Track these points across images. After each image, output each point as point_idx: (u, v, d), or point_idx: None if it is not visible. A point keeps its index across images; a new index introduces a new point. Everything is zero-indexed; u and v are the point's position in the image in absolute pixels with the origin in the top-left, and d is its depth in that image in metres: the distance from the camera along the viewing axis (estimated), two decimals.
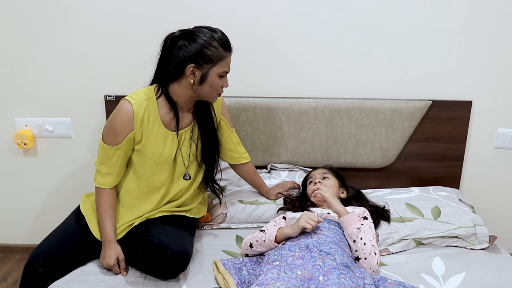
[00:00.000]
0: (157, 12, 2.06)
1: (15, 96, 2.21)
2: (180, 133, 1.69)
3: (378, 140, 2.18)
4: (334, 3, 2.05)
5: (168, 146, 1.67)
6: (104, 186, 1.66)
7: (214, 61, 1.56)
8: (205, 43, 1.54)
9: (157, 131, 1.64)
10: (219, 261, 1.63)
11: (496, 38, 2.08)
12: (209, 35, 1.56)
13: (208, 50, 1.55)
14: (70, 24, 2.09)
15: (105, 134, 1.62)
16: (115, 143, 1.60)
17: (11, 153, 2.30)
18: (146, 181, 1.69)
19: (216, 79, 1.60)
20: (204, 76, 1.58)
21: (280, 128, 2.17)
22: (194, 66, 1.55)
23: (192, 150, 1.74)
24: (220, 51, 1.56)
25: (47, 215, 2.38)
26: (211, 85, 1.60)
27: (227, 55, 1.59)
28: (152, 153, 1.65)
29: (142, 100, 1.61)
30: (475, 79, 2.14)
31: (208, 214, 1.92)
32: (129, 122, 1.59)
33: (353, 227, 1.56)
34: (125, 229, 1.68)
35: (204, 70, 1.57)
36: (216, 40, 1.56)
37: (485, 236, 1.77)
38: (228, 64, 1.62)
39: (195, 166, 1.77)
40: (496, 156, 2.25)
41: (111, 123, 1.60)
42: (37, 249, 1.60)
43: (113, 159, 1.63)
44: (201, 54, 1.54)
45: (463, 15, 2.06)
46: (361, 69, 2.14)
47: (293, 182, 2.06)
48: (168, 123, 1.67)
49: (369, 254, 1.55)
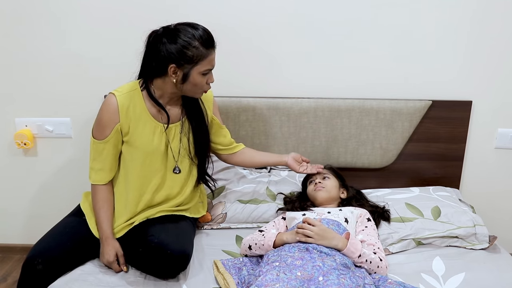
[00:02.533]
0: (157, 12, 2.06)
1: (15, 96, 2.20)
2: (170, 126, 1.70)
3: (378, 140, 2.18)
4: (334, 2, 2.05)
5: (157, 136, 1.68)
6: (98, 182, 1.68)
7: (195, 60, 1.55)
8: (185, 44, 1.53)
9: (144, 122, 1.66)
10: (219, 261, 1.63)
11: (496, 38, 2.08)
12: (190, 35, 1.54)
13: (189, 51, 1.54)
14: (70, 24, 2.09)
15: (94, 130, 1.66)
16: (103, 136, 1.63)
17: (11, 153, 2.30)
18: (137, 173, 1.69)
19: (199, 77, 1.59)
20: (186, 75, 1.58)
21: (280, 128, 2.17)
22: (175, 66, 1.56)
23: (183, 145, 1.74)
24: (200, 50, 1.55)
25: (47, 215, 2.37)
26: (194, 83, 1.60)
27: (208, 53, 1.58)
28: (142, 143, 1.66)
29: (126, 92, 1.64)
30: (475, 79, 2.14)
31: (208, 214, 1.92)
32: (114, 114, 1.61)
33: (355, 257, 1.53)
34: (124, 228, 1.68)
35: (186, 70, 1.57)
36: (197, 39, 1.54)
37: (485, 236, 1.77)
38: (210, 62, 1.60)
39: (188, 161, 1.77)
40: (496, 156, 2.25)
41: (98, 117, 1.64)
42: (36, 246, 1.60)
43: (104, 154, 1.65)
44: (181, 54, 1.54)
45: (463, 15, 2.05)
46: (361, 69, 2.14)
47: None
48: (155, 114, 1.68)
49: (377, 267, 1.55)
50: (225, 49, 2.10)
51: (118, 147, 1.68)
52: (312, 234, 1.53)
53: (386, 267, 1.57)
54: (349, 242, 1.53)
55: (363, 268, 1.54)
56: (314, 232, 1.53)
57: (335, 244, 1.53)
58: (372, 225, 1.72)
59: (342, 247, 1.52)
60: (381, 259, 1.56)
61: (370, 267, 1.54)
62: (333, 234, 1.55)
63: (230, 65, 2.13)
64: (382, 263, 1.55)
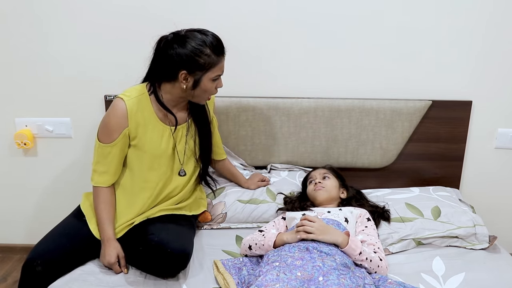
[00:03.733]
0: (157, 12, 2.06)
1: (15, 96, 2.20)
2: (176, 128, 1.71)
3: (378, 140, 2.18)
4: (335, 2, 2.05)
5: (165, 140, 1.69)
6: (101, 185, 1.67)
7: (207, 67, 1.57)
8: (196, 51, 1.54)
9: (153, 126, 1.67)
10: (219, 261, 1.63)
11: (496, 38, 2.08)
12: (200, 41, 1.55)
13: (200, 58, 1.55)
14: (70, 24, 2.09)
15: (100, 133, 1.64)
16: (110, 140, 1.62)
17: (11, 153, 2.30)
18: (143, 176, 1.70)
19: (209, 83, 1.61)
20: (197, 81, 1.59)
21: (280, 128, 2.17)
22: (187, 73, 1.57)
23: (189, 146, 1.75)
24: (212, 58, 1.56)
25: (47, 215, 2.37)
26: (204, 89, 1.62)
27: (219, 60, 1.59)
28: (150, 148, 1.67)
29: (134, 96, 1.64)
30: (475, 79, 2.14)
31: (208, 214, 1.92)
32: (123, 119, 1.61)
33: (356, 254, 1.53)
34: (125, 228, 1.68)
35: (197, 76, 1.58)
36: (208, 46, 1.55)
37: (485, 236, 1.77)
38: (221, 68, 1.62)
39: (193, 163, 1.79)
40: (496, 156, 2.25)
41: (105, 121, 1.63)
42: (35, 247, 1.59)
43: (109, 157, 1.64)
44: (193, 61, 1.55)
45: (463, 15, 2.05)
46: (361, 69, 2.14)
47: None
48: (163, 118, 1.69)
49: (377, 266, 1.54)
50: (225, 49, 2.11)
51: (125, 151, 1.68)
52: (312, 229, 1.53)
53: (386, 267, 1.57)
54: (350, 239, 1.53)
55: (363, 268, 1.54)
56: (315, 227, 1.54)
57: (335, 239, 1.53)
58: (372, 225, 1.72)
59: (343, 243, 1.52)
60: (381, 259, 1.56)
61: (370, 265, 1.54)
62: (334, 229, 1.56)
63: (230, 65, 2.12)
64: (382, 262, 1.55)
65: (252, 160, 2.23)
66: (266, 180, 2.08)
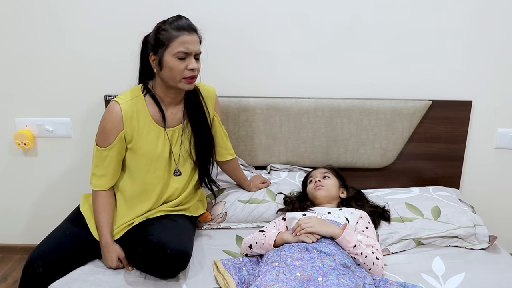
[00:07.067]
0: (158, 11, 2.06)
1: (15, 96, 2.20)
2: (172, 130, 1.71)
3: (378, 140, 2.18)
4: (335, 3, 2.05)
5: (161, 142, 1.69)
6: (100, 188, 1.68)
7: (165, 43, 1.57)
8: (157, 29, 1.58)
9: (148, 129, 1.67)
10: (219, 261, 1.63)
11: (496, 38, 2.08)
12: (162, 21, 1.59)
13: (160, 35, 1.57)
14: (70, 24, 2.09)
15: (97, 137, 1.66)
16: (107, 144, 1.63)
17: (11, 153, 2.30)
18: (141, 179, 1.70)
19: (173, 61, 1.57)
20: (160, 60, 1.59)
21: (280, 128, 2.17)
22: (152, 53, 1.60)
23: (185, 147, 1.74)
24: (170, 32, 1.56)
25: (47, 215, 2.37)
26: (170, 68, 1.58)
27: (179, 34, 1.56)
28: (146, 151, 1.67)
29: (129, 99, 1.64)
30: (475, 79, 2.14)
31: (208, 214, 1.92)
32: (118, 122, 1.62)
33: (350, 247, 1.53)
34: (124, 228, 1.68)
35: (159, 54, 1.59)
36: (168, 23, 1.57)
37: (485, 236, 1.77)
38: (183, 44, 1.56)
39: (190, 164, 1.78)
40: (496, 156, 2.25)
41: (101, 125, 1.64)
42: (36, 249, 1.59)
43: (107, 161, 1.65)
44: (155, 41, 1.58)
45: (463, 15, 2.06)
46: (361, 69, 2.14)
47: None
48: (158, 120, 1.69)
49: (372, 264, 1.54)
50: (225, 49, 2.12)
51: (122, 154, 1.68)
52: (310, 224, 1.56)
53: (382, 267, 1.56)
54: (345, 231, 1.55)
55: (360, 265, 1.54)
56: (311, 222, 1.57)
57: (332, 230, 1.55)
58: (371, 227, 1.72)
59: (338, 234, 1.54)
60: (378, 258, 1.56)
61: (365, 261, 1.54)
62: (330, 223, 1.59)
63: (230, 65, 2.14)
64: (378, 261, 1.55)
65: (252, 160, 2.23)
66: (267, 182, 2.07)
